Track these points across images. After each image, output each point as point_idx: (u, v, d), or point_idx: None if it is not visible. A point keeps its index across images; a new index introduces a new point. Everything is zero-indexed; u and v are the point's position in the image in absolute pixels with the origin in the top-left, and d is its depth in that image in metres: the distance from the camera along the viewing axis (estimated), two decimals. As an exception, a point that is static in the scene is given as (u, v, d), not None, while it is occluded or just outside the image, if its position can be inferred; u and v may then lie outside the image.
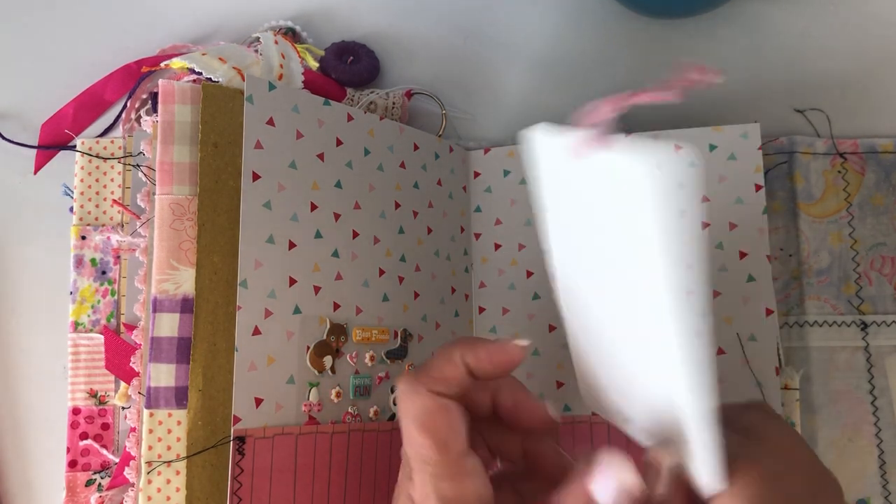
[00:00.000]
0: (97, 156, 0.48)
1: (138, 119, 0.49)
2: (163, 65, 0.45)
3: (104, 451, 0.45)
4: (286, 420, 0.39)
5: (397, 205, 0.46)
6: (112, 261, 0.47)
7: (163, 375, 0.38)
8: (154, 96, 0.45)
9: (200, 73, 0.42)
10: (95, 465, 0.45)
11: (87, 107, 0.50)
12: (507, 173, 0.48)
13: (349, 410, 0.41)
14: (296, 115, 0.41)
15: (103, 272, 0.47)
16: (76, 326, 0.46)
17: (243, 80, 0.41)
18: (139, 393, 0.40)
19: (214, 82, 0.41)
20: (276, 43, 0.47)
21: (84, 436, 0.45)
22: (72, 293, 0.47)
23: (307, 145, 0.42)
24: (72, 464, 0.45)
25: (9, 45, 0.53)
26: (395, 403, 0.44)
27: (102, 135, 0.50)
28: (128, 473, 0.40)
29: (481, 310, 0.48)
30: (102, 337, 0.46)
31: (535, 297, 0.46)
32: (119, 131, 0.50)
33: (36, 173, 0.50)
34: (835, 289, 0.45)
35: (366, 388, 0.42)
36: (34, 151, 0.50)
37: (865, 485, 0.43)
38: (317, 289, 0.41)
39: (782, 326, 0.45)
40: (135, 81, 0.49)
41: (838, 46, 0.50)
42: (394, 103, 0.49)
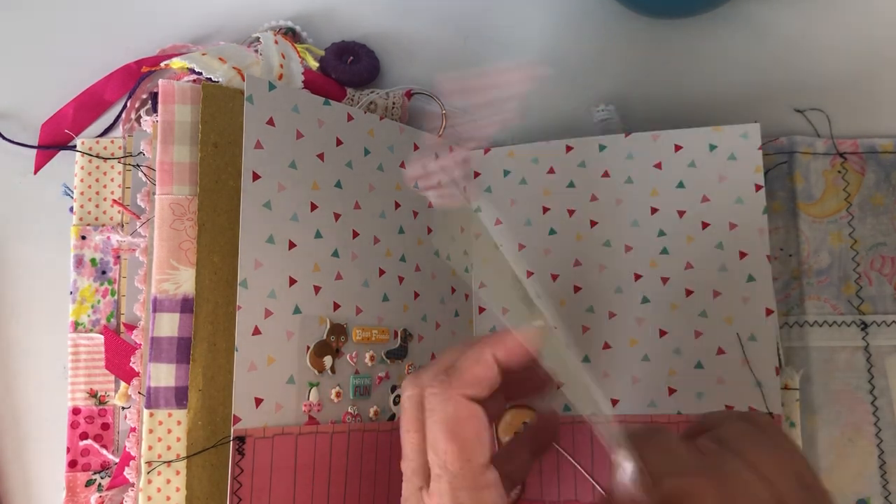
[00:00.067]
0: (97, 156, 0.48)
1: (138, 119, 0.49)
2: (163, 65, 0.45)
3: (104, 451, 0.45)
4: (286, 420, 0.39)
5: (397, 205, 0.46)
6: (112, 261, 0.47)
7: (163, 375, 0.38)
8: (154, 96, 0.45)
9: (200, 73, 0.42)
10: (95, 465, 0.45)
11: (87, 107, 0.50)
12: (507, 173, 0.48)
13: (349, 410, 0.41)
14: (296, 115, 0.41)
15: (103, 272, 0.47)
16: (76, 326, 0.46)
17: (243, 80, 0.41)
18: (139, 393, 0.40)
19: (214, 82, 0.41)
20: (277, 43, 0.47)
21: (84, 436, 0.45)
22: (72, 293, 0.47)
23: (307, 145, 0.42)
24: (72, 464, 0.45)
25: (9, 45, 0.53)
26: (396, 403, 0.44)
27: (102, 135, 0.50)
28: (128, 473, 0.40)
29: (481, 310, 0.48)
30: (102, 337, 0.46)
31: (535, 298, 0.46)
32: (119, 131, 0.50)
33: (36, 173, 0.50)
34: (835, 289, 0.45)
35: (366, 388, 0.42)
36: (34, 151, 0.50)
37: (865, 485, 0.43)
38: (317, 289, 0.41)
39: (782, 326, 0.45)
40: (135, 81, 0.49)
41: (838, 46, 0.50)
42: (394, 103, 0.49)
